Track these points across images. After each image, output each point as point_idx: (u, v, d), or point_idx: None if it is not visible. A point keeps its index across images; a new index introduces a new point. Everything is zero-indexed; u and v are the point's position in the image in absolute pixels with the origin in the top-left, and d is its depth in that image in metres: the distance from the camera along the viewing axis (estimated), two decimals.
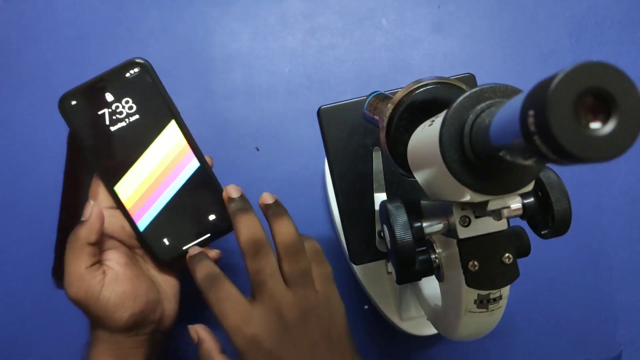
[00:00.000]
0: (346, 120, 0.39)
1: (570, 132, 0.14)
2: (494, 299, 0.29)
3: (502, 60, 0.57)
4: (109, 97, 0.40)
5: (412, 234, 0.27)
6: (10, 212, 0.54)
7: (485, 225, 0.26)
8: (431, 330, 0.48)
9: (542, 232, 0.29)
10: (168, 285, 0.44)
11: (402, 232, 0.27)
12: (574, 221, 0.28)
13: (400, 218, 0.27)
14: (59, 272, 0.52)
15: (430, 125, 0.25)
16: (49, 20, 0.58)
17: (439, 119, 0.23)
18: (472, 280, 0.27)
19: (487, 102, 0.21)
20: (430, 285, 0.41)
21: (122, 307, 0.38)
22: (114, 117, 0.40)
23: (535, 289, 0.52)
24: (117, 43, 0.58)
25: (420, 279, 0.32)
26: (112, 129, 0.40)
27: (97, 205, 0.39)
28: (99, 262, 0.39)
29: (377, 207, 0.39)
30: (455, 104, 0.22)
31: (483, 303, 0.29)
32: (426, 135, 0.25)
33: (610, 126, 0.14)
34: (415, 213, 0.30)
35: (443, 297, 0.34)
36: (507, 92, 0.22)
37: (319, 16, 0.58)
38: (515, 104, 0.16)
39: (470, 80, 0.38)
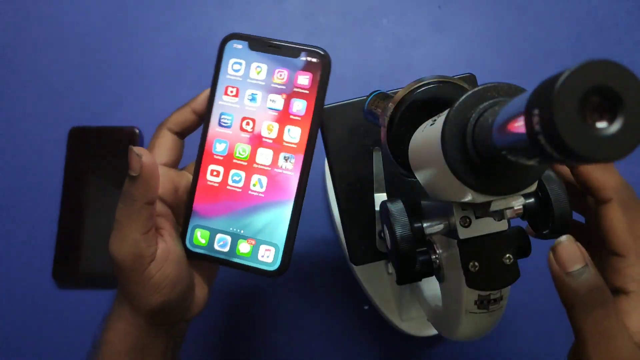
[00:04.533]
0: (346, 120, 0.38)
1: (576, 132, 0.14)
2: (495, 300, 0.29)
3: (503, 60, 0.57)
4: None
5: (413, 234, 0.27)
6: (11, 212, 0.54)
7: (485, 226, 0.26)
8: (431, 331, 0.48)
9: (543, 232, 0.29)
10: (202, 267, 0.38)
11: (403, 233, 0.27)
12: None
13: (401, 218, 0.27)
14: (59, 274, 0.52)
15: (431, 124, 0.25)
16: (50, 20, 0.58)
17: (440, 118, 0.23)
18: (473, 281, 0.27)
19: (490, 101, 0.21)
20: (430, 286, 0.41)
21: (159, 291, 0.33)
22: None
23: (535, 289, 0.52)
24: (118, 43, 0.58)
25: (420, 280, 0.31)
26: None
27: (149, 156, 0.32)
28: (153, 227, 0.33)
29: (377, 208, 0.39)
30: (457, 103, 0.22)
31: (483, 304, 0.29)
32: (428, 134, 0.25)
33: (616, 126, 0.14)
34: (416, 213, 0.30)
35: (443, 298, 0.34)
36: (511, 91, 0.21)
37: (320, 16, 0.58)
38: (519, 102, 0.16)
39: (470, 80, 0.38)
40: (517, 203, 0.22)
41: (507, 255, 0.26)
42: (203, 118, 0.36)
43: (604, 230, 0.29)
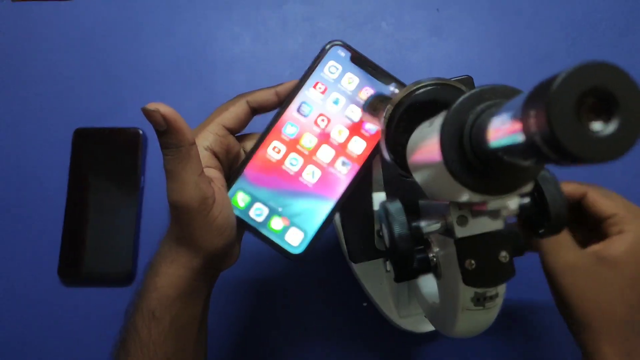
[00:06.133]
0: None
1: (572, 133, 0.14)
2: (491, 297, 0.29)
3: (500, 63, 0.58)
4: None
5: (410, 233, 0.27)
6: (17, 212, 0.55)
7: (482, 225, 0.26)
8: (429, 327, 0.48)
9: (539, 232, 0.29)
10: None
11: (401, 232, 0.27)
12: None
13: (399, 218, 0.28)
14: (64, 272, 0.53)
15: (429, 125, 0.25)
16: (54, 22, 0.58)
17: (438, 120, 0.23)
18: (469, 279, 0.27)
19: (487, 103, 0.21)
20: (428, 284, 0.41)
21: (222, 233, 0.34)
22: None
23: (532, 287, 0.52)
24: (121, 46, 0.58)
25: (417, 277, 0.32)
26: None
27: (163, 105, 0.31)
28: (202, 169, 0.33)
29: (376, 207, 0.39)
30: (455, 105, 0.22)
31: (480, 301, 0.29)
32: (425, 135, 0.25)
33: (612, 127, 0.14)
34: (414, 213, 0.31)
35: (440, 295, 0.34)
36: (507, 92, 0.22)
37: (320, 20, 0.58)
38: (515, 104, 0.16)
39: (468, 82, 0.38)
40: (513, 203, 0.23)
41: (503, 253, 0.27)
42: (282, 102, 0.38)
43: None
